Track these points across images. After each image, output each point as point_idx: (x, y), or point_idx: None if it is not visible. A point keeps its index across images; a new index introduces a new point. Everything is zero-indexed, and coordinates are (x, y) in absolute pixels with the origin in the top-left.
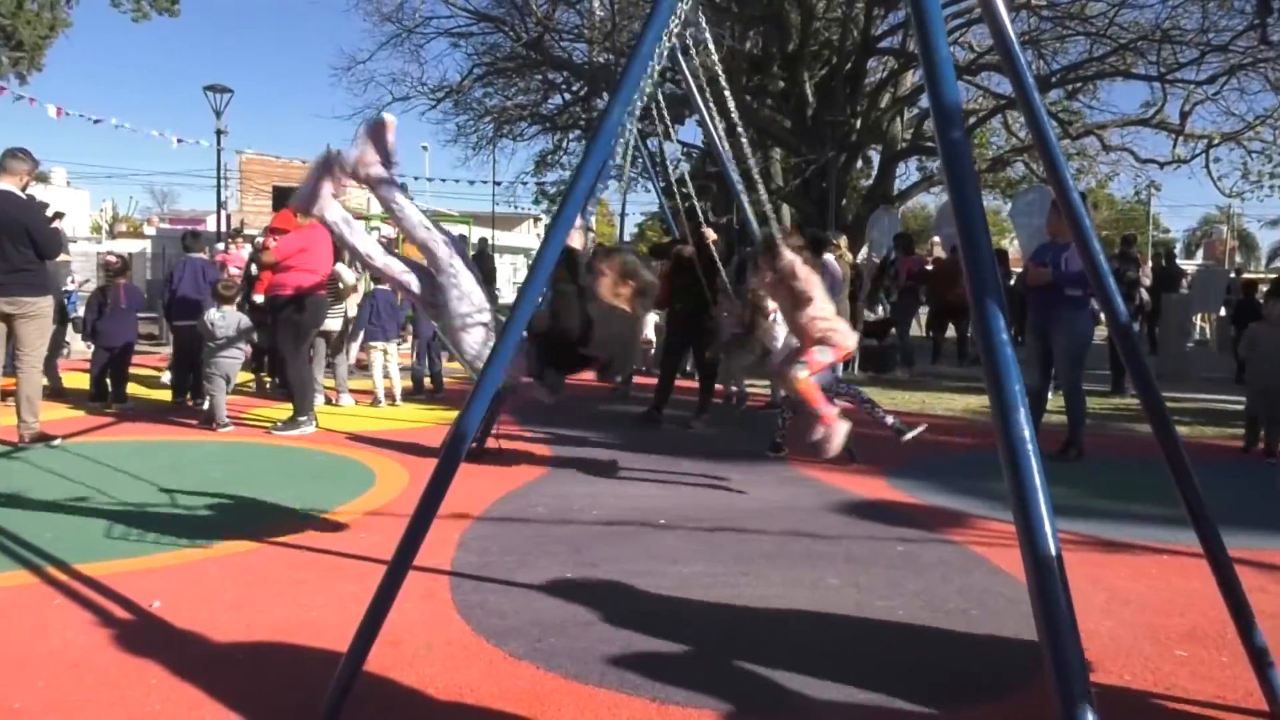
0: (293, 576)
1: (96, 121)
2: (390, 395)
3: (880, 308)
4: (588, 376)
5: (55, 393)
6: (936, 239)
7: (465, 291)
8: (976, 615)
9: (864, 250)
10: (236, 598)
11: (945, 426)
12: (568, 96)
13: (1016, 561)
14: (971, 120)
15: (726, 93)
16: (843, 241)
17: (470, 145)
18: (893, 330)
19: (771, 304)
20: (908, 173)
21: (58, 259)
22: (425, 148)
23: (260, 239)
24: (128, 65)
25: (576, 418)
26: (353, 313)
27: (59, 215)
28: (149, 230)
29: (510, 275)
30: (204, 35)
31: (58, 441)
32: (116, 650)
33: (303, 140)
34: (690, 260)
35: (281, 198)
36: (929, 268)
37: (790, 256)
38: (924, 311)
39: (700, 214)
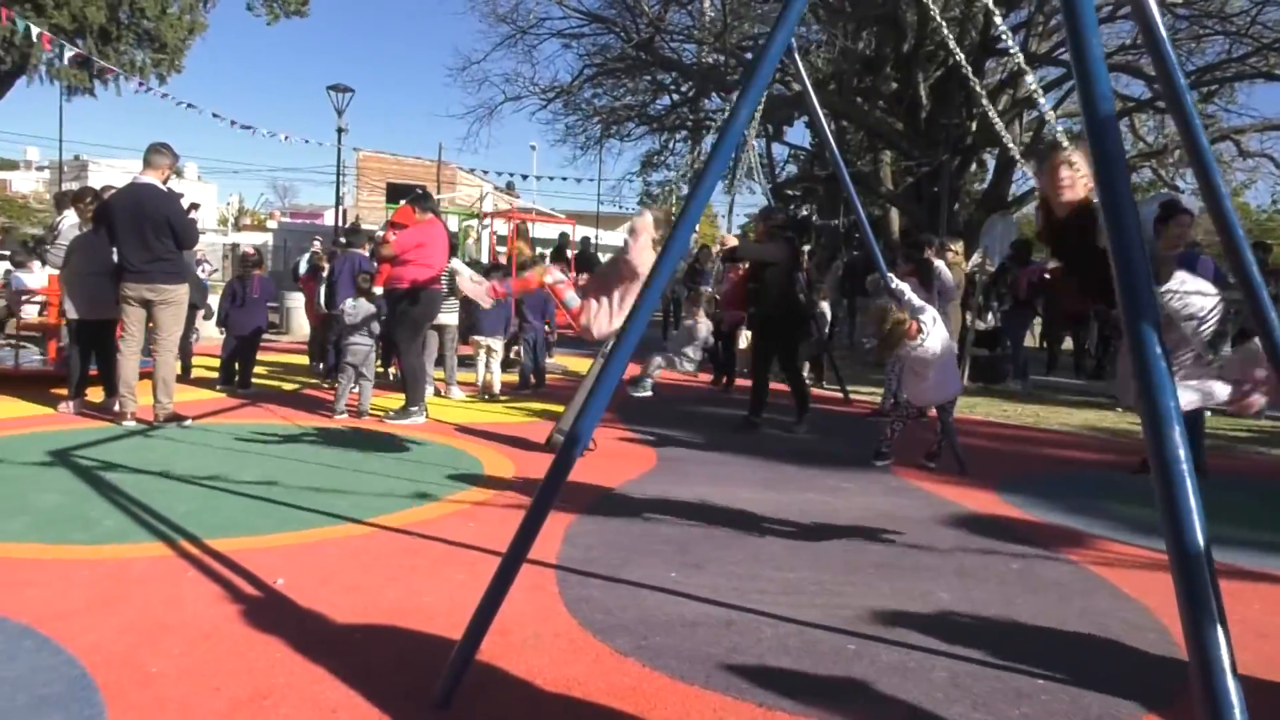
0: (404, 562)
1: (246, 127)
2: (489, 389)
3: (990, 316)
4: (682, 376)
5: (184, 375)
6: None
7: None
8: (1099, 641)
9: (975, 257)
10: (353, 580)
11: (1061, 441)
12: (675, 97)
13: (1142, 585)
14: None
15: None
16: (958, 247)
17: (578, 145)
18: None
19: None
20: (1025, 177)
21: (193, 249)
22: (534, 147)
23: (380, 233)
24: (257, 65)
25: (677, 417)
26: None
27: (195, 207)
28: (271, 224)
29: None
30: (329, 37)
31: (188, 422)
32: (244, 623)
33: (416, 138)
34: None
35: (395, 193)
36: (1047, 276)
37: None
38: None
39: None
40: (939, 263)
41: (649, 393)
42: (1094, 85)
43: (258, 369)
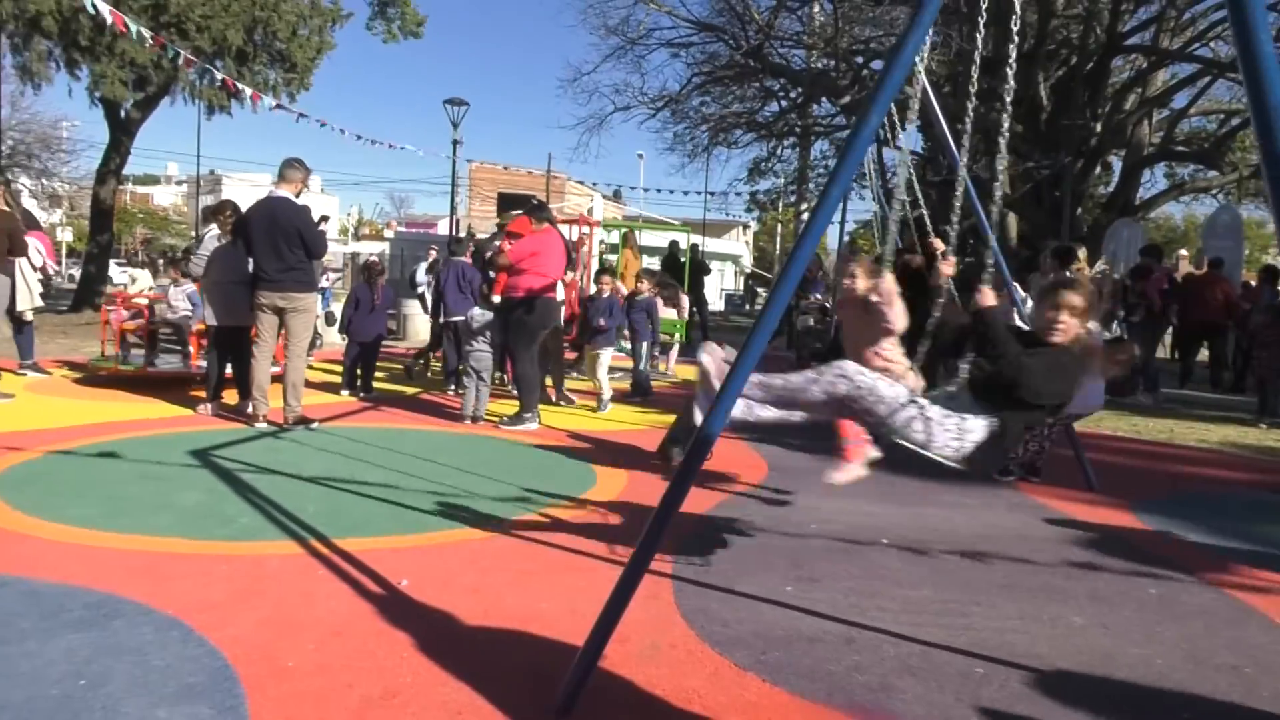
0: (523, 567)
1: (371, 140)
2: (599, 398)
3: (1115, 325)
4: None
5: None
6: (1183, 252)
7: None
8: (1251, 674)
9: (1099, 264)
10: (473, 583)
11: (1199, 459)
12: (784, 103)
13: None
14: (1235, 122)
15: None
16: (1082, 254)
17: (686, 153)
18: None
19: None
20: (1153, 180)
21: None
22: (641, 156)
23: (496, 242)
24: (377, 80)
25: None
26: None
27: (325, 219)
28: (388, 233)
29: (719, 281)
30: (445, 53)
31: (315, 425)
32: (372, 621)
33: (526, 149)
34: (920, 270)
35: (506, 203)
36: (1179, 282)
37: (889, 279)
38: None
39: (925, 223)
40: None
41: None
42: (1264, 86)
43: (377, 374)
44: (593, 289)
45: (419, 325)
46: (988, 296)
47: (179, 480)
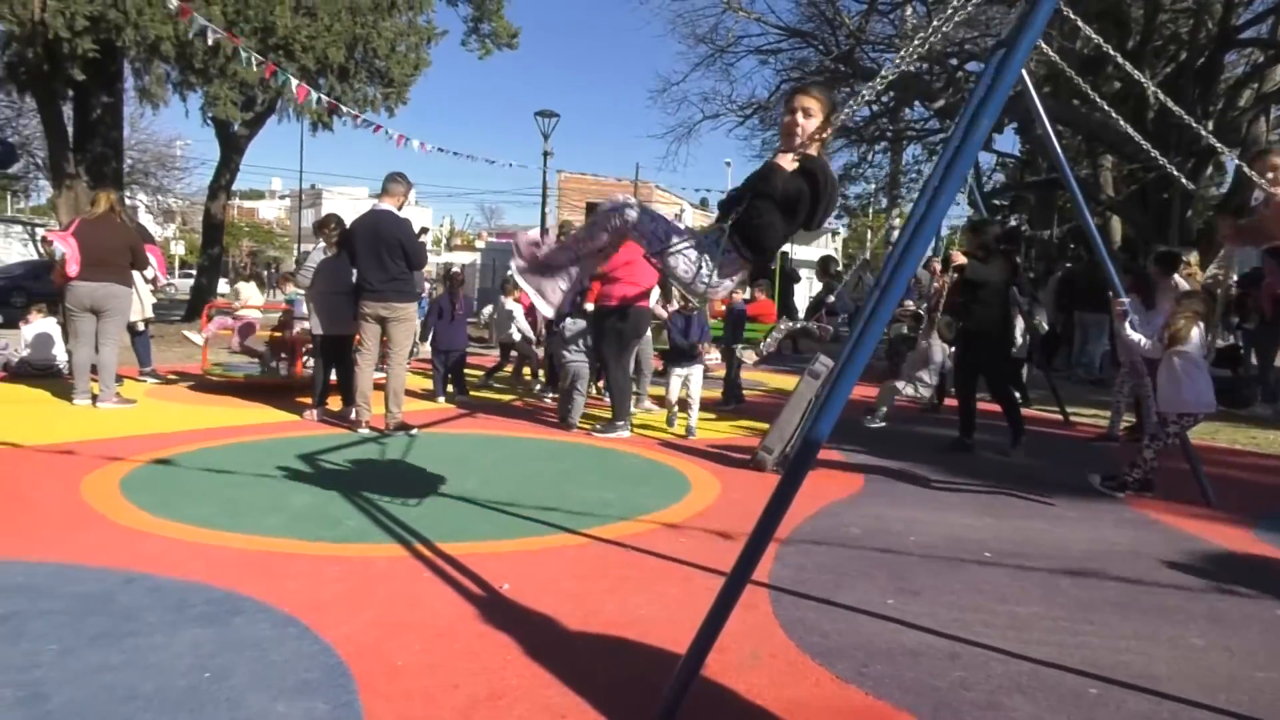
0: (620, 574)
1: (467, 156)
2: (684, 405)
3: (1228, 334)
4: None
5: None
6: None
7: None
8: None
9: (1212, 267)
10: (572, 589)
11: None
12: (875, 108)
13: None
14: None
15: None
16: (1193, 259)
17: None
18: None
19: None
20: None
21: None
22: (729, 164)
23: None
24: (469, 93)
25: (884, 437)
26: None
27: (425, 230)
28: (479, 244)
29: (807, 289)
30: (535, 66)
31: (415, 431)
32: (476, 624)
33: (614, 159)
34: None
35: (593, 213)
36: None
37: None
38: None
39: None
40: (1176, 275)
41: (883, 423)
42: None
43: (473, 383)
44: (674, 304)
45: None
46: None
47: (289, 483)
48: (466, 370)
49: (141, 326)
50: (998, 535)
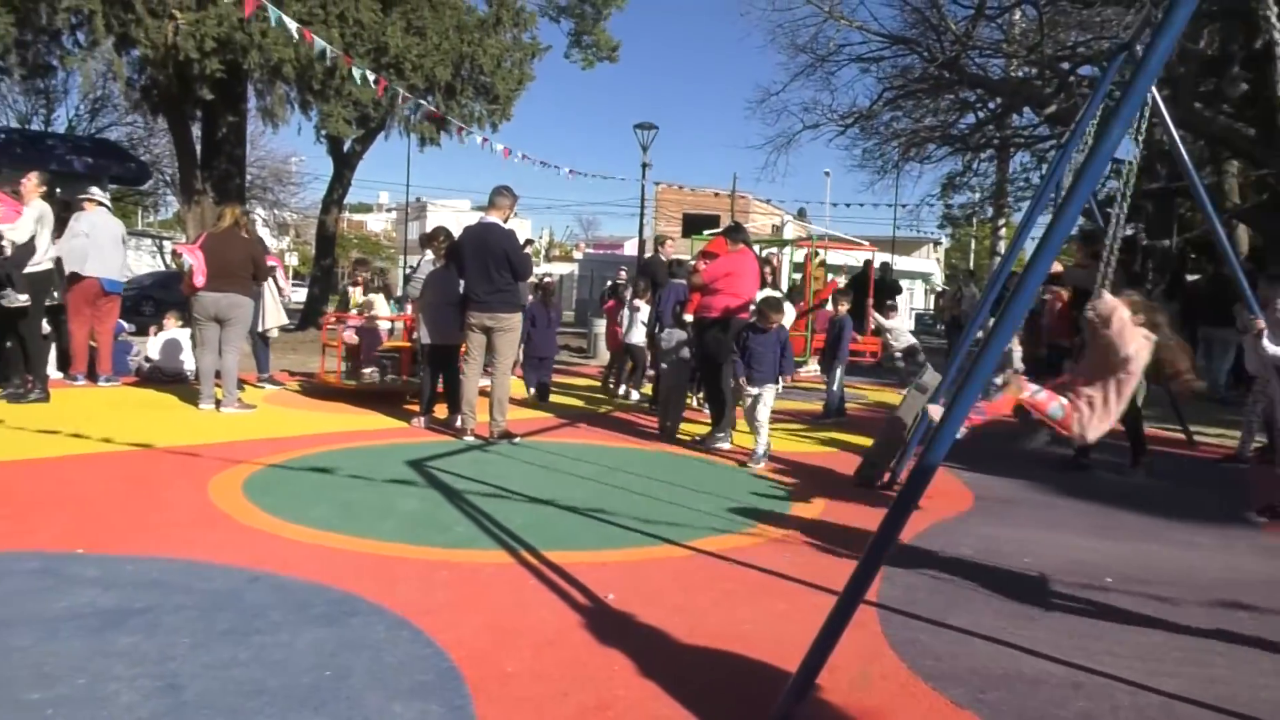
0: (724, 587)
1: (570, 171)
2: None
3: None
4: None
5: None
6: None
7: None
8: None
9: None
10: (677, 601)
11: None
12: (981, 115)
13: None
14: None
15: None
16: None
17: (875, 169)
18: None
19: None
20: None
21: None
22: (828, 174)
23: (692, 262)
24: (567, 106)
25: (993, 454)
26: None
27: (529, 242)
28: (577, 255)
29: (908, 300)
30: (634, 78)
31: (518, 439)
32: (582, 633)
33: (711, 170)
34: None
35: (691, 224)
36: None
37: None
38: None
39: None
40: None
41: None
42: None
43: (572, 392)
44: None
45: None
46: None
47: (399, 488)
48: (563, 381)
49: (275, 334)
50: (1118, 559)
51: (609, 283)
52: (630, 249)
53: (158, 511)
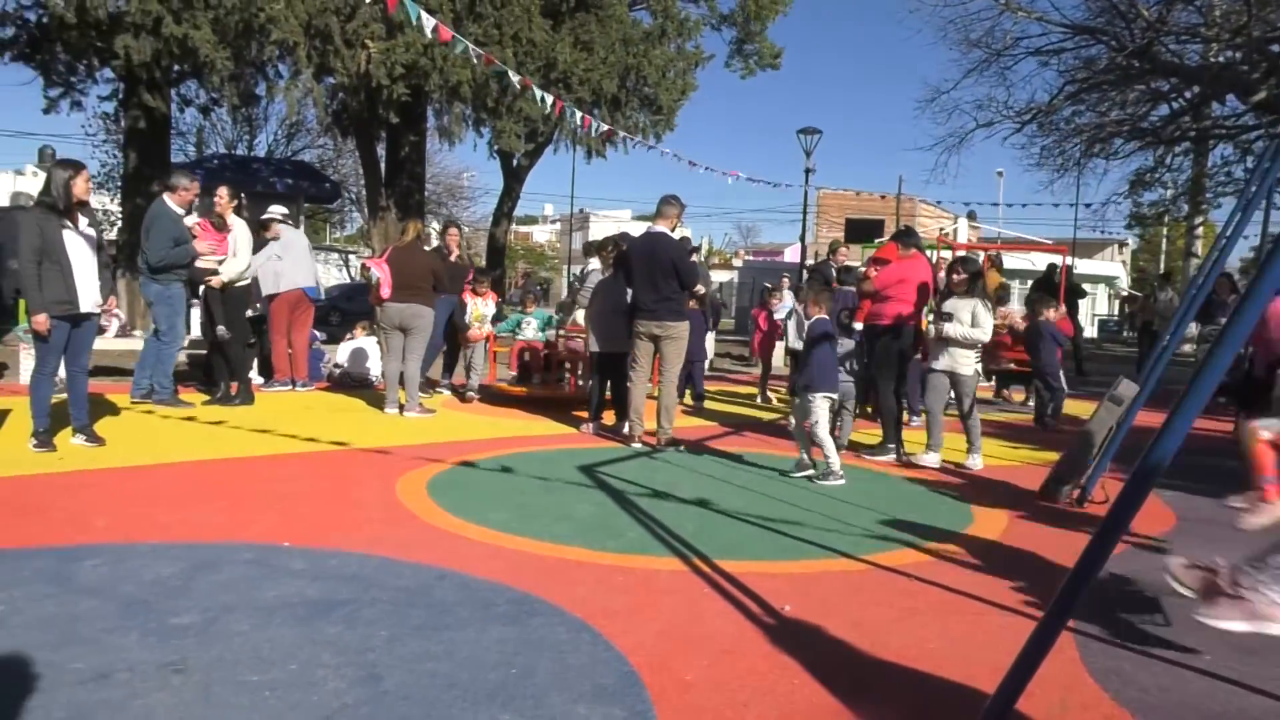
0: (904, 604)
1: (743, 177)
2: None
3: None
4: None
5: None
6: None
7: None
8: None
9: None
10: (855, 616)
11: None
12: (1176, 105)
13: None
14: None
15: None
16: None
17: (1054, 168)
18: None
19: None
20: None
21: (698, 290)
22: (1000, 173)
23: (863, 268)
24: (728, 114)
25: (1198, 469)
26: None
27: (695, 250)
28: (736, 262)
29: (1090, 306)
30: (794, 82)
31: (684, 446)
32: (760, 644)
33: (874, 174)
34: None
35: (854, 230)
36: None
37: None
38: None
39: None
40: None
41: None
42: None
43: (737, 400)
44: (784, 304)
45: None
46: None
47: (572, 493)
48: (727, 389)
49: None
50: None
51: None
52: (790, 256)
53: (352, 509)
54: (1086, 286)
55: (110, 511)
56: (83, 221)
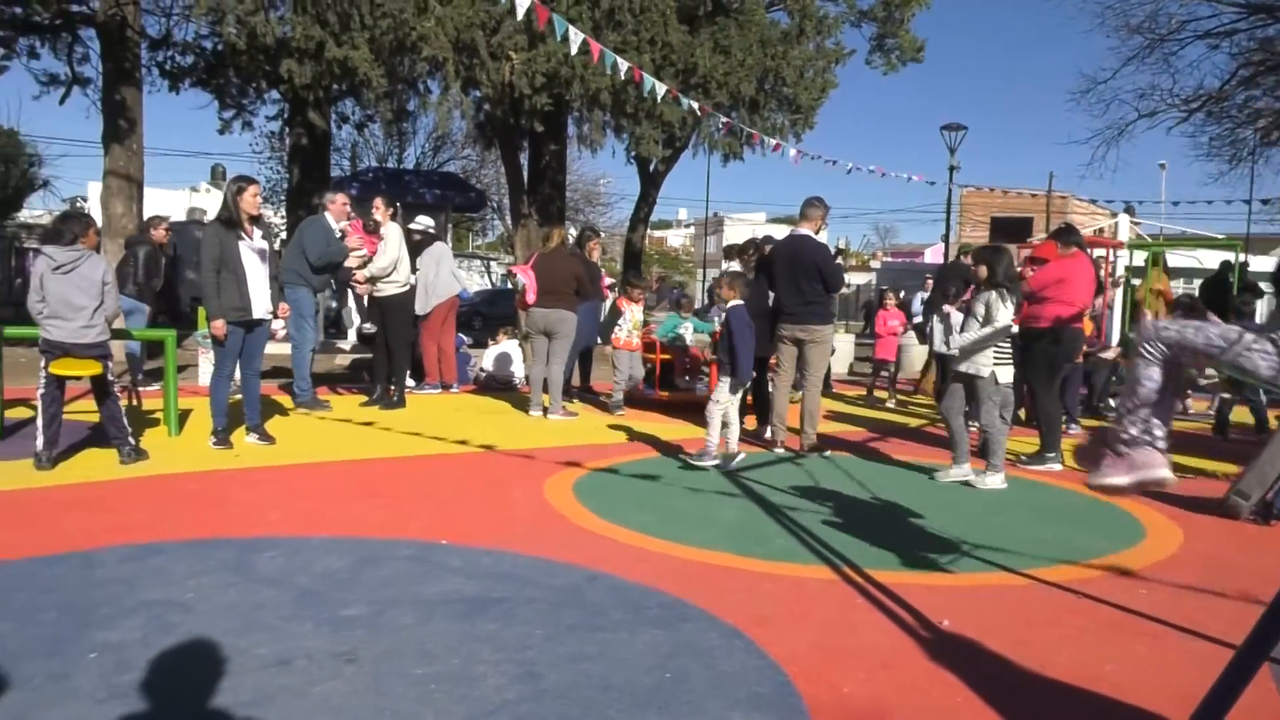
0: (1072, 623)
1: (869, 169)
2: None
3: None
4: None
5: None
6: None
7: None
8: None
9: None
10: (1019, 634)
11: None
12: None
13: None
14: None
15: None
16: None
17: (1226, 159)
18: None
19: None
20: None
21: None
22: (1163, 165)
23: (1018, 268)
24: (865, 111)
25: None
26: None
27: (841, 253)
28: (874, 264)
29: (1266, 305)
30: (937, 77)
31: (829, 453)
32: (918, 658)
33: (1022, 170)
34: None
35: (999, 228)
36: None
37: None
38: None
39: None
40: None
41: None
42: None
43: (881, 405)
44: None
45: (914, 356)
46: None
47: (715, 497)
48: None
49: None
50: None
51: (919, 294)
52: (931, 256)
53: (504, 509)
54: (1265, 285)
55: (282, 506)
56: (256, 234)
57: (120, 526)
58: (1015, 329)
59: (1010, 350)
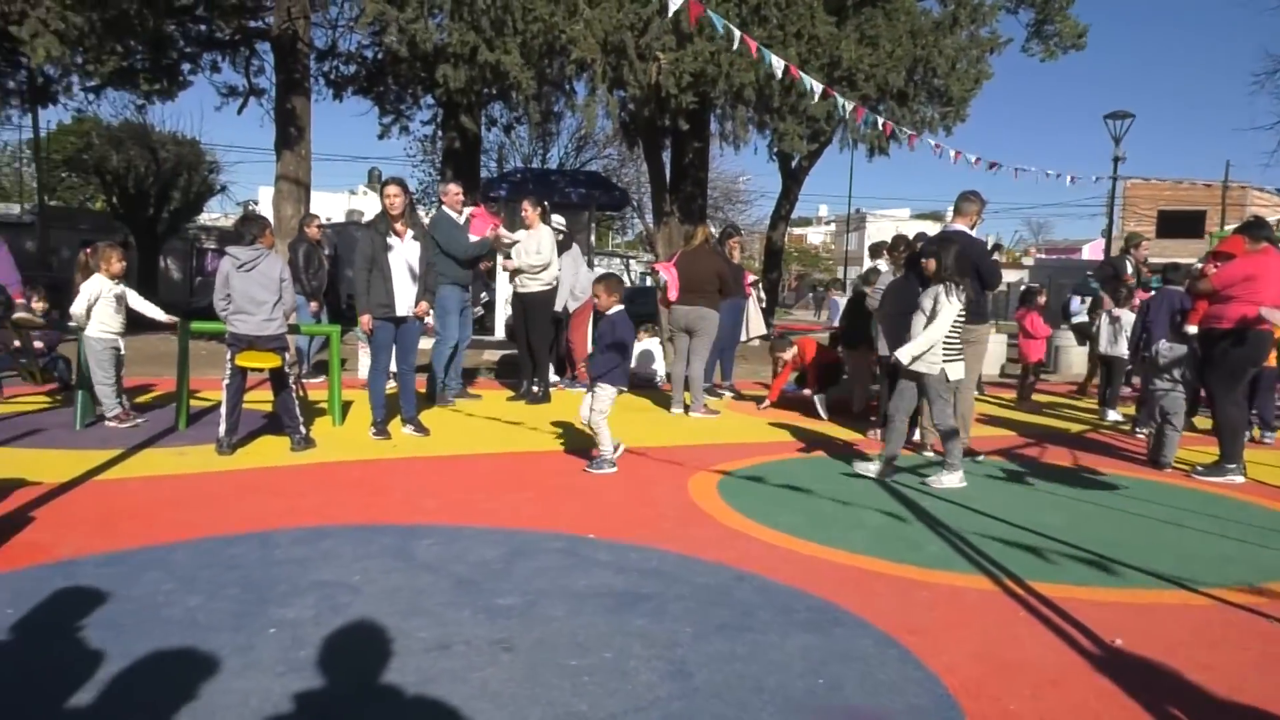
0: (1265, 648)
1: (1046, 172)
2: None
3: None
4: None
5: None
6: None
7: None
8: None
9: None
10: (1203, 657)
11: None
12: None
13: None
14: None
15: None
16: None
17: None
18: None
19: None
20: None
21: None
22: None
23: (1199, 265)
24: (1020, 101)
25: None
26: None
27: (997, 248)
28: (1027, 260)
29: None
30: (1097, 63)
31: (981, 457)
32: (1090, 677)
33: (1192, 161)
34: None
35: (1168, 223)
36: None
37: None
38: None
39: None
40: None
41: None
42: None
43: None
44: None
45: (1072, 358)
46: None
47: (862, 501)
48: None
49: (757, 343)
50: None
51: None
52: (1090, 253)
53: (649, 506)
54: None
55: (438, 495)
56: (408, 235)
57: (292, 510)
58: (1193, 329)
59: (959, 346)
